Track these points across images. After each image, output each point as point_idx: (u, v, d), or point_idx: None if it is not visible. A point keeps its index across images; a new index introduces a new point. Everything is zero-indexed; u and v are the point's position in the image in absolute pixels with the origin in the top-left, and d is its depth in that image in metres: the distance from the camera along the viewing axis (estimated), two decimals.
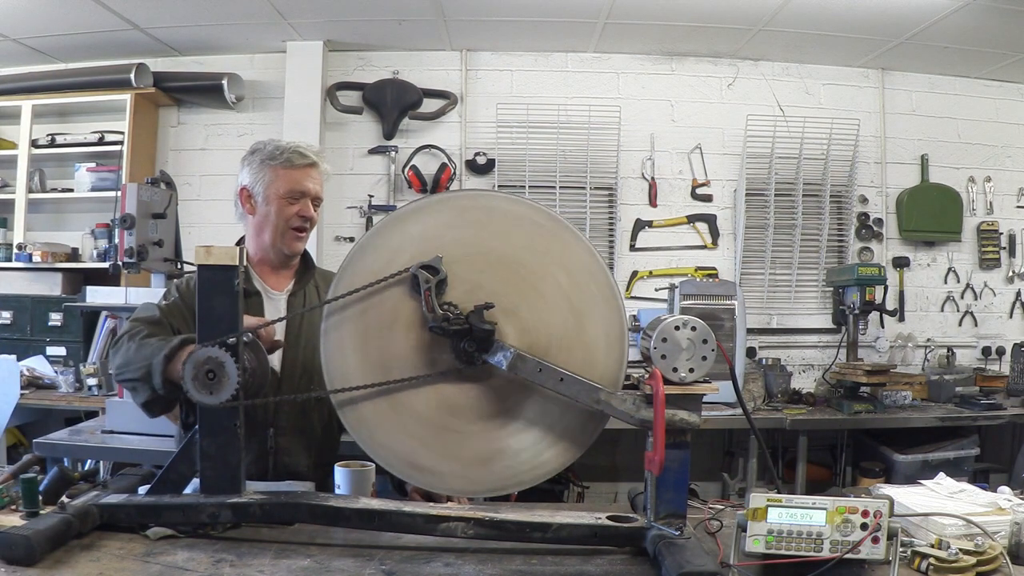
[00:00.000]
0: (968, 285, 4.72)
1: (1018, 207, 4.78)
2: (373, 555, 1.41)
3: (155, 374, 1.63)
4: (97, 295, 4.03)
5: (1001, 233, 4.72)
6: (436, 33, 4.33)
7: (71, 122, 4.54)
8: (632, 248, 4.59)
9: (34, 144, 4.39)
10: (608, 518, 1.46)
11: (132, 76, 4.27)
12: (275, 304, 2.04)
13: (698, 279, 4.05)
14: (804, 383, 4.50)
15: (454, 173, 4.44)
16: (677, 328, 1.43)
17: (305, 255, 2.15)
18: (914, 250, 4.72)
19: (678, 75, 4.65)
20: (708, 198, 4.62)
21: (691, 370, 1.42)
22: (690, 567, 1.23)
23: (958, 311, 4.72)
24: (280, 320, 1.92)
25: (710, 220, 4.61)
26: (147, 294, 3.03)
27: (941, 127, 4.74)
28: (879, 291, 4.00)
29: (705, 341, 1.43)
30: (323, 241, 4.47)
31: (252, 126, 4.58)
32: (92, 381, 3.84)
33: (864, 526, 1.27)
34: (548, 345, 1.49)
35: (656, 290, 4.47)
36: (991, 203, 4.75)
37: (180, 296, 1.98)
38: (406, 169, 4.43)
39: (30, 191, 4.36)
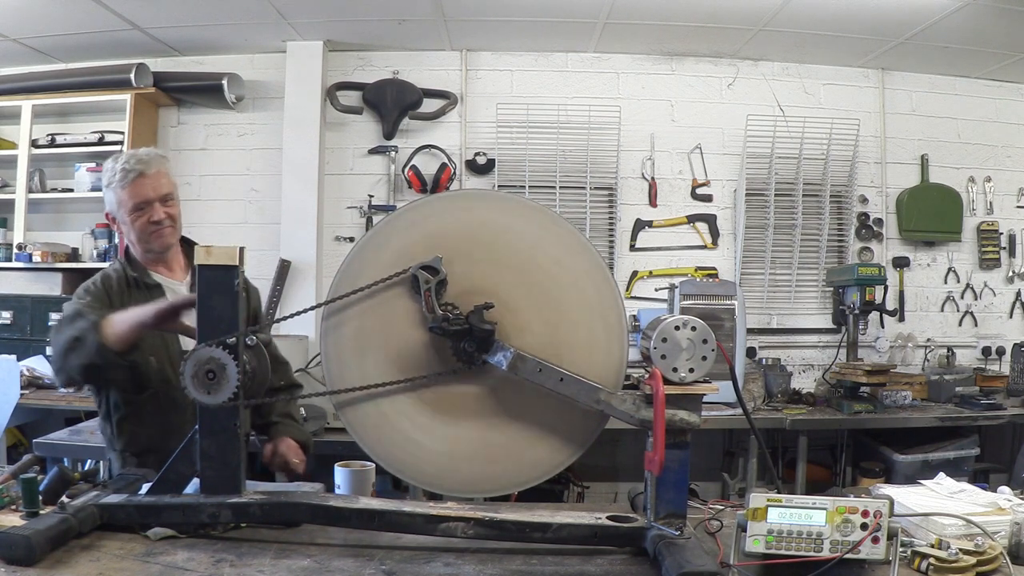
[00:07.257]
0: (968, 285, 4.72)
1: (1018, 207, 4.78)
2: (373, 555, 1.41)
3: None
4: None
5: (1001, 233, 4.72)
6: (436, 33, 4.32)
7: (71, 122, 4.53)
8: (632, 248, 4.58)
9: (34, 144, 4.38)
10: (608, 518, 1.46)
11: (132, 76, 4.27)
12: (178, 294, 2.10)
13: (698, 279, 4.04)
14: (804, 383, 4.50)
15: (454, 173, 4.44)
16: (677, 328, 1.43)
17: (187, 243, 2.24)
18: (914, 250, 4.72)
19: (678, 75, 4.65)
20: (708, 198, 4.62)
21: (691, 370, 1.42)
22: (690, 567, 1.24)
23: (958, 311, 4.72)
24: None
25: (710, 220, 4.61)
26: None
27: (941, 127, 4.73)
28: (879, 291, 4.00)
29: (705, 341, 1.43)
30: (323, 241, 4.46)
31: (252, 126, 4.57)
32: None
33: (864, 526, 1.27)
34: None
35: (656, 290, 4.46)
36: (991, 203, 4.74)
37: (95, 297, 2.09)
38: (406, 169, 4.43)
39: (30, 191, 4.35)
